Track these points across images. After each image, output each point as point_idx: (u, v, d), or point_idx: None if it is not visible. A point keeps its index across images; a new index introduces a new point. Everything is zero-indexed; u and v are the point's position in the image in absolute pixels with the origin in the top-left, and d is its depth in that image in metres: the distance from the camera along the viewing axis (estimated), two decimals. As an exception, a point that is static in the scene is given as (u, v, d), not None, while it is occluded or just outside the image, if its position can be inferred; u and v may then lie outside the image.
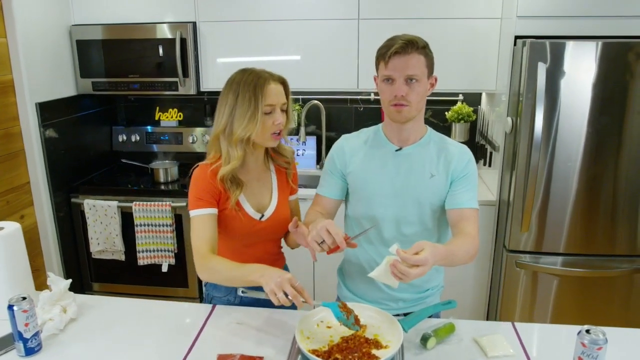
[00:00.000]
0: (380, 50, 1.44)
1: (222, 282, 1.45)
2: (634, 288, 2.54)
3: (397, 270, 1.14)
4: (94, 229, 2.84)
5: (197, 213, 1.44)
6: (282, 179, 1.60)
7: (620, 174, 2.36)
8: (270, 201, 1.55)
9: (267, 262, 1.58)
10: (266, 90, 1.41)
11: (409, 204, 1.48)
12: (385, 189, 1.49)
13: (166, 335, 1.41)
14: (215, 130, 1.47)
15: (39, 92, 2.62)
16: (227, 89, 1.45)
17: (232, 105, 1.42)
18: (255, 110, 1.39)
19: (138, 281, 2.98)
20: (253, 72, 1.44)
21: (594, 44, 2.21)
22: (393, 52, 1.36)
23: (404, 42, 1.36)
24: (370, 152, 1.53)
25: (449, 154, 1.50)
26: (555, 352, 1.32)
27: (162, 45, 2.82)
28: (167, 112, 3.32)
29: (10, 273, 1.48)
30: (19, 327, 1.28)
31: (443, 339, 1.35)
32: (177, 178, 3.02)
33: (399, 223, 1.49)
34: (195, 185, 1.46)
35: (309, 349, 1.17)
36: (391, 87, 1.40)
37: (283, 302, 1.19)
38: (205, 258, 1.39)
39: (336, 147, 1.60)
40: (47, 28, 2.70)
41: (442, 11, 2.64)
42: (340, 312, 1.21)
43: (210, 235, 1.43)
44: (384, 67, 1.40)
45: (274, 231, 1.57)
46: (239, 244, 1.54)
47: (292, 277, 1.23)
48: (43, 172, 2.68)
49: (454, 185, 1.47)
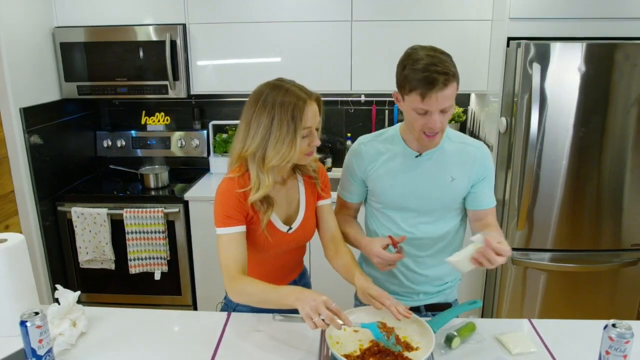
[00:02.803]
0: (412, 81, 1.30)
1: (254, 304, 1.38)
2: (619, 282, 2.63)
3: (485, 258, 1.21)
4: (83, 237, 2.75)
5: (226, 232, 1.36)
6: (310, 188, 1.53)
7: (605, 171, 2.44)
8: (298, 212, 1.49)
9: (288, 269, 1.56)
10: (305, 114, 1.30)
11: (429, 205, 1.50)
12: (405, 194, 1.49)
13: (185, 346, 1.37)
14: (240, 150, 1.36)
15: (23, 97, 2.52)
16: (260, 108, 1.32)
17: (266, 128, 1.30)
18: (293, 137, 1.30)
19: (129, 290, 2.90)
20: (289, 93, 1.32)
21: (583, 45, 2.27)
22: (433, 89, 1.28)
23: (445, 78, 1.28)
24: (390, 158, 1.51)
25: (469, 157, 1.49)
26: (576, 347, 1.34)
27: (151, 48, 2.75)
28: (153, 116, 3.24)
29: (15, 287, 1.41)
30: (32, 344, 1.22)
31: (466, 338, 1.36)
32: (167, 183, 2.95)
33: (418, 221, 1.52)
34: (223, 203, 1.37)
35: (342, 354, 1.16)
36: (424, 118, 1.33)
37: (320, 326, 1.15)
38: (235, 280, 1.33)
39: (354, 153, 1.56)
40: (30, 30, 2.60)
41: (433, 13, 2.67)
42: (380, 332, 1.19)
43: (240, 255, 1.36)
44: (419, 101, 1.30)
45: (299, 241, 1.52)
46: (264, 255, 1.48)
47: (328, 299, 1.17)
48: (28, 179, 2.58)
49: (475, 188, 1.50)
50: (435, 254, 1.54)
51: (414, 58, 1.33)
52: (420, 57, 1.32)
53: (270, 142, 1.31)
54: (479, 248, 1.24)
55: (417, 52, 1.34)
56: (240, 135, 1.36)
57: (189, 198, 2.75)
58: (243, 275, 1.34)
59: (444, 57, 1.33)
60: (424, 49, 1.35)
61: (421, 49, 1.36)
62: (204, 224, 2.79)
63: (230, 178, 1.39)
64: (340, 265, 1.48)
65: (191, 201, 2.76)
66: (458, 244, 1.58)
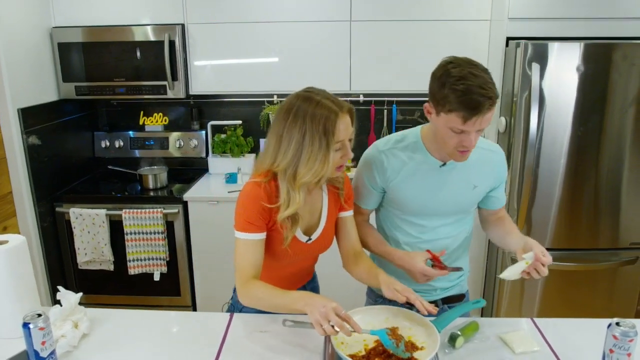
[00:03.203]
0: (454, 102, 1.24)
1: (264, 308, 1.36)
2: (617, 280, 2.64)
3: (536, 272, 1.32)
4: (81, 238, 2.73)
5: (245, 237, 1.34)
6: (333, 198, 1.48)
7: (603, 171, 2.46)
8: (319, 222, 1.45)
9: (299, 277, 1.56)
10: (337, 128, 1.25)
11: (450, 210, 1.52)
12: (427, 202, 1.49)
13: (188, 347, 1.36)
14: (270, 165, 1.32)
15: (21, 97, 2.51)
16: (291, 122, 1.27)
17: (298, 144, 1.26)
18: (326, 152, 1.25)
19: (128, 291, 2.88)
20: (320, 105, 1.26)
21: (581, 45, 2.28)
22: (477, 114, 1.23)
23: (490, 103, 1.23)
24: (413, 168, 1.47)
25: (490, 163, 1.50)
26: (579, 345, 1.35)
27: (150, 48, 2.74)
28: (151, 117, 3.23)
29: (17, 289, 1.40)
30: (35, 346, 1.21)
31: (469, 337, 1.36)
32: (166, 184, 2.94)
33: (437, 224, 1.53)
34: (246, 207, 1.34)
35: (347, 354, 1.16)
36: (460, 136, 1.30)
37: (329, 332, 1.13)
38: (247, 284, 1.32)
39: (375, 161, 1.50)
40: (28, 30, 2.59)
41: (432, 13, 2.67)
42: (390, 339, 1.18)
43: (257, 261, 1.35)
44: (460, 123, 1.26)
45: (317, 251, 1.51)
46: (279, 263, 1.46)
47: (337, 306, 1.16)
48: (26, 180, 2.56)
49: (493, 191, 1.55)
50: (452, 252, 1.56)
51: (454, 75, 1.24)
52: (462, 75, 1.24)
53: (302, 159, 1.26)
54: (529, 263, 1.35)
55: (457, 68, 1.25)
56: (271, 150, 1.31)
57: (188, 199, 2.74)
58: (255, 279, 1.33)
59: (487, 77, 1.26)
60: (464, 64, 1.26)
61: (461, 64, 1.27)
62: (203, 225, 2.78)
63: (256, 183, 1.34)
64: (362, 271, 1.45)
65: (190, 202, 2.75)
66: (469, 238, 1.63)
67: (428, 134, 1.45)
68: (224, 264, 2.84)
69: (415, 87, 2.82)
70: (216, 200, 2.74)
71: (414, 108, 3.12)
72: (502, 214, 1.61)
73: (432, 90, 1.31)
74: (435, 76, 1.30)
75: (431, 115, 1.35)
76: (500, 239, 1.58)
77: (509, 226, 1.57)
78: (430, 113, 1.36)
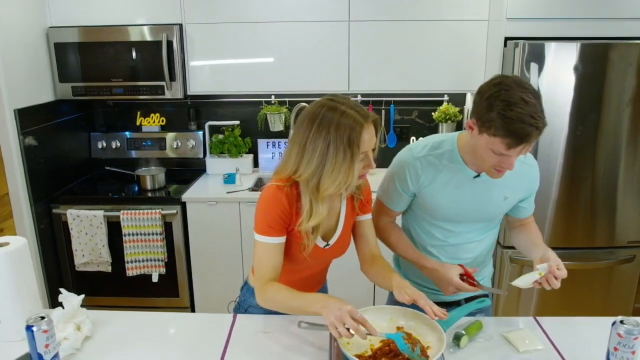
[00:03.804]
0: (501, 128, 1.20)
1: (280, 310, 1.36)
2: (614, 279, 2.66)
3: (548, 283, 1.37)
4: (79, 240, 2.71)
5: (265, 240, 1.33)
6: (351, 203, 1.47)
7: (599, 170, 2.47)
8: (336, 227, 1.44)
9: (314, 280, 1.56)
10: (362, 139, 1.23)
11: (478, 219, 1.52)
12: (457, 210, 1.48)
13: (191, 349, 1.36)
14: (292, 173, 1.30)
15: (18, 97, 2.49)
16: (315, 132, 1.24)
17: (322, 155, 1.23)
18: (350, 164, 1.23)
19: (126, 293, 2.87)
20: (345, 115, 1.23)
21: (578, 45, 2.30)
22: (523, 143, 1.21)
23: (538, 133, 1.20)
24: (447, 177, 1.45)
25: (524, 177, 1.49)
26: (582, 343, 1.36)
27: (147, 48, 2.73)
28: (148, 117, 3.21)
29: (19, 291, 1.39)
30: (38, 349, 1.20)
31: (474, 336, 1.36)
32: (164, 185, 2.93)
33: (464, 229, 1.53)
34: (267, 211, 1.33)
35: (354, 354, 1.16)
36: (500, 158, 1.27)
37: (345, 335, 1.13)
38: (265, 286, 1.33)
39: (409, 166, 1.47)
40: (24, 30, 2.56)
41: (430, 13, 2.68)
42: (405, 344, 1.18)
43: (276, 264, 1.35)
44: (503, 148, 1.23)
45: (333, 256, 1.50)
46: (295, 266, 1.44)
47: (353, 309, 1.16)
48: (23, 182, 2.54)
49: (524, 202, 1.55)
50: (476, 256, 1.58)
51: (506, 100, 1.19)
52: (514, 100, 1.18)
53: (326, 170, 1.24)
54: (543, 274, 1.38)
55: (509, 92, 1.19)
56: (293, 158, 1.29)
57: (187, 199, 2.73)
58: (274, 282, 1.34)
59: (538, 103, 1.21)
60: (515, 87, 1.20)
61: (512, 87, 1.20)
62: (202, 226, 2.77)
63: (278, 187, 1.32)
64: (377, 272, 1.44)
65: (189, 202, 2.74)
66: (494, 242, 1.65)
67: (465, 146, 1.42)
68: (222, 265, 2.83)
69: (413, 87, 2.83)
70: (215, 201, 2.73)
71: (411, 108, 3.12)
72: (527, 221, 1.61)
73: (478, 109, 1.26)
74: (483, 96, 1.25)
75: (472, 131, 1.31)
76: (524, 246, 1.58)
77: (534, 235, 1.57)
78: (472, 129, 1.31)
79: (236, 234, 2.78)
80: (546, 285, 1.37)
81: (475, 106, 1.28)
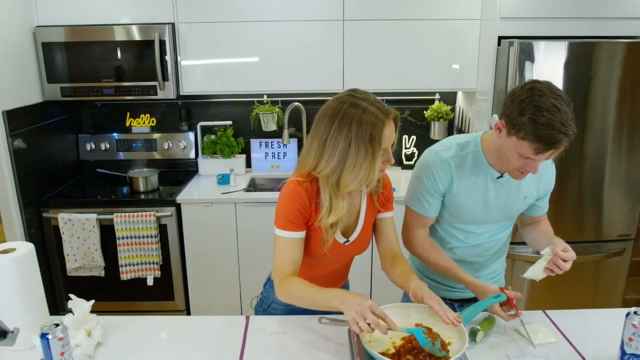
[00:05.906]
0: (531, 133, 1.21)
1: (301, 305, 1.35)
2: (603, 272, 2.74)
3: (557, 267, 1.34)
4: (71, 244, 2.65)
5: (285, 235, 1.34)
6: (371, 200, 1.47)
7: (585, 166, 2.54)
8: (357, 224, 1.44)
9: (335, 277, 1.55)
10: (383, 135, 1.23)
11: (497, 218, 1.54)
12: (480, 211, 1.50)
13: (207, 353, 1.34)
14: (312, 169, 1.31)
15: (5, 99, 2.41)
16: (336, 128, 1.24)
17: (343, 152, 1.23)
18: (372, 160, 1.23)
19: (119, 297, 2.81)
20: (367, 112, 1.22)
21: (566, 44, 2.35)
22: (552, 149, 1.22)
23: (568, 141, 1.22)
24: (472, 178, 1.47)
25: (544, 176, 1.52)
26: (593, 335, 1.39)
27: (139, 48, 2.68)
28: (138, 118, 3.16)
29: (27, 298, 1.35)
30: (54, 357, 1.17)
31: (488, 331, 1.39)
32: (157, 187, 2.88)
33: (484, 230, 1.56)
34: (288, 206, 1.33)
35: (378, 352, 1.16)
36: (525, 161, 1.29)
37: (365, 330, 1.13)
38: (285, 281, 1.32)
39: (439, 168, 1.47)
40: (10, 29, 2.48)
41: (424, 13, 2.70)
42: (426, 338, 1.19)
43: (296, 259, 1.35)
44: (531, 152, 1.24)
45: (354, 252, 1.50)
46: (316, 262, 1.45)
47: (373, 304, 1.16)
48: (12, 185, 2.46)
49: (539, 201, 1.59)
50: (493, 254, 1.62)
51: (538, 105, 1.20)
52: (546, 106, 1.20)
53: (347, 167, 1.24)
54: (549, 259, 1.37)
55: (541, 97, 1.21)
56: (313, 154, 1.29)
57: (182, 201, 2.69)
58: (294, 276, 1.33)
59: (570, 111, 1.22)
60: (548, 93, 1.22)
61: (545, 93, 1.22)
62: (197, 227, 2.74)
63: (298, 182, 1.33)
64: (397, 274, 1.43)
65: (183, 204, 2.70)
66: (509, 239, 1.67)
67: (489, 147, 1.43)
68: (218, 266, 2.80)
69: (406, 85, 2.85)
70: (210, 202, 2.70)
71: (404, 106, 3.15)
72: (541, 219, 1.64)
73: (509, 112, 1.27)
74: (515, 99, 1.26)
75: (500, 132, 1.32)
76: (536, 240, 1.59)
77: (546, 228, 1.60)
78: (500, 130, 1.32)
79: (232, 235, 2.75)
80: (557, 269, 1.36)
81: (505, 108, 1.30)
